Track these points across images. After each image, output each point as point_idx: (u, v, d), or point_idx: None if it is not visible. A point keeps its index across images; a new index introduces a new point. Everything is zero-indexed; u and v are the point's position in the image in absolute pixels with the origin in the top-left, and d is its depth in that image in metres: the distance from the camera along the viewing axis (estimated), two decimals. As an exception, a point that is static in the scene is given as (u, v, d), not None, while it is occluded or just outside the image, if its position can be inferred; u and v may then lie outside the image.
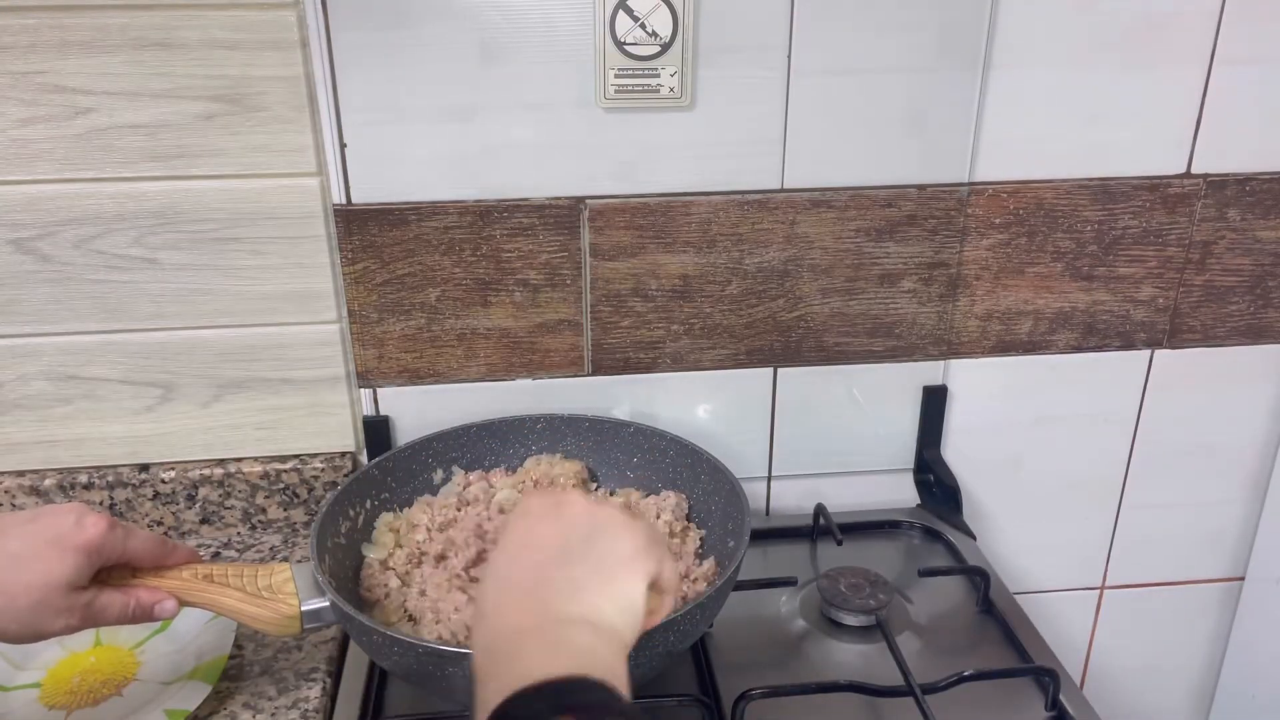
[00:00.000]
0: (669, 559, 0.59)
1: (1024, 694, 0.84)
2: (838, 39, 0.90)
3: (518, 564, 0.56)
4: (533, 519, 0.58)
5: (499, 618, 0.54)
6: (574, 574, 0.55)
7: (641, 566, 0.56)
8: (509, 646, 0.51)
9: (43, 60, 0.83)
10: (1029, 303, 1.03)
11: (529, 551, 0.56)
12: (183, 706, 0.76)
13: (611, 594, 0.55)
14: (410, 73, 0.87)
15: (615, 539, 0.57)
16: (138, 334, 0.93)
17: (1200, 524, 1.17)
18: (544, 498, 0.60)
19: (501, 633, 0.53)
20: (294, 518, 1.00)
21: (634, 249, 0.95)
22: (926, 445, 1.07)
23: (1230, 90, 0.97)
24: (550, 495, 0.60)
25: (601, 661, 0.50)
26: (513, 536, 0.58)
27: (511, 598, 0.54)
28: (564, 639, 0.51)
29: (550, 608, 0.53)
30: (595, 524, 0.57)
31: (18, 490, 0.96)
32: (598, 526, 0.57)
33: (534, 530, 0.57)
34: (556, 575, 0.54)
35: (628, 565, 0.56)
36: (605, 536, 0.57)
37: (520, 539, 0.57)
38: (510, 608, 0.54)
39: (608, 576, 0.55)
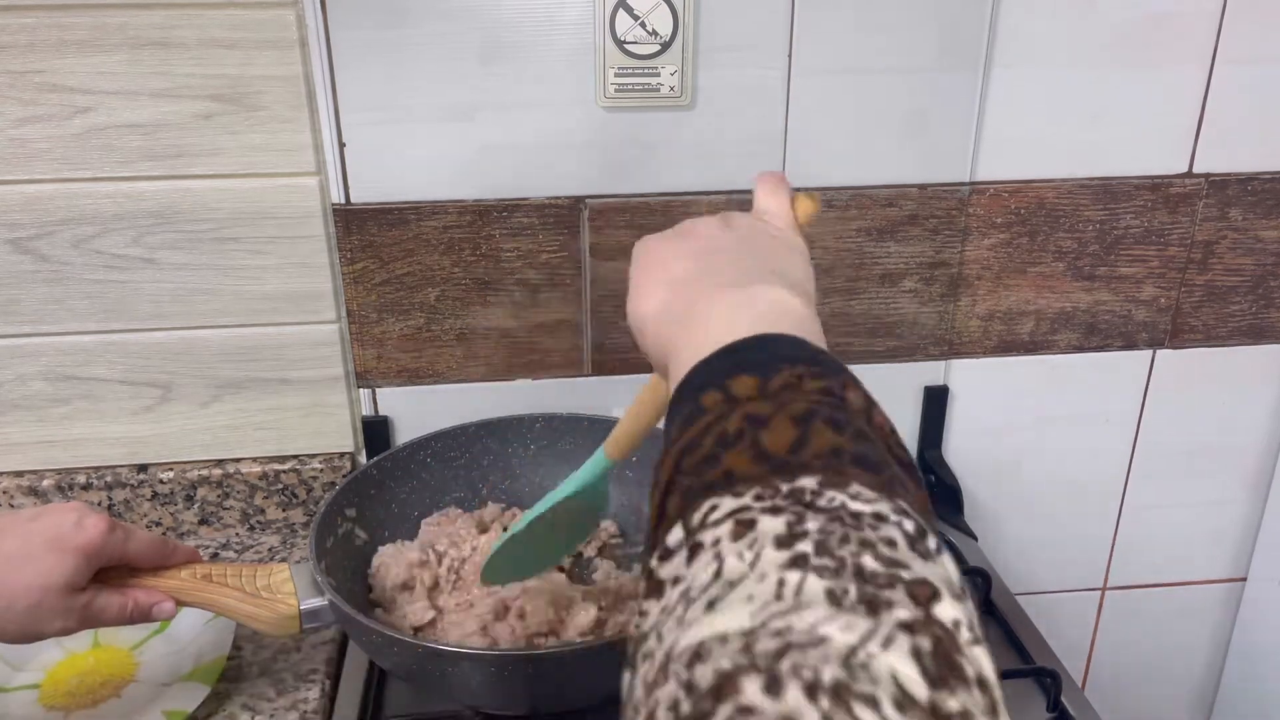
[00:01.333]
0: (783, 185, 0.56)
1: (1026, 695, 0.84)
2: (838, 38, 0.90)
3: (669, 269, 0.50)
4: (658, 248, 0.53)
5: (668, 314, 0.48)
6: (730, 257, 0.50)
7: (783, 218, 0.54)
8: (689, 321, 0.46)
9: (41, 59, 0.83)
10: (1030, 303, 1.03)
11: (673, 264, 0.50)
12: (181, 707, 0.76)
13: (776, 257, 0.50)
14: (409, 72, 0.87)
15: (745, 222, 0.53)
16: (136, 334, 0.92)
17: (1202, 524, 1.17)
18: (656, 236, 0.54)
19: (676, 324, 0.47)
20: (293, 518, 1.00)
21: (634, 249, 0.95)
22: (928, 445, 1.07)
23: (1232, 90, 0.97)
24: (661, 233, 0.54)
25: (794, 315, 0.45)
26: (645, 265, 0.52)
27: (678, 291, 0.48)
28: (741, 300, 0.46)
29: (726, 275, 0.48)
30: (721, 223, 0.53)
31: (16, 491, 0.95)
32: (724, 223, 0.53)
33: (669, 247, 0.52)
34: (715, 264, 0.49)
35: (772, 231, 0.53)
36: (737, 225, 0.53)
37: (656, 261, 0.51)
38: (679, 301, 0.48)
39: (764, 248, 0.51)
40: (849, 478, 0.35)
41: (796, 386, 0.39)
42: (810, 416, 0.37)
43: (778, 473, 0.35)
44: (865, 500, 0.34)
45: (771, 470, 0.35)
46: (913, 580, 0.31)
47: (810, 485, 0.34)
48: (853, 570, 0.31)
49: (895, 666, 0.29)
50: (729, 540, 0.33)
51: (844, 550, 0.32)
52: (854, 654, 0.29)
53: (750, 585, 0.31)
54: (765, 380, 0.39)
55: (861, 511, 0.33)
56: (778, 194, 0.56)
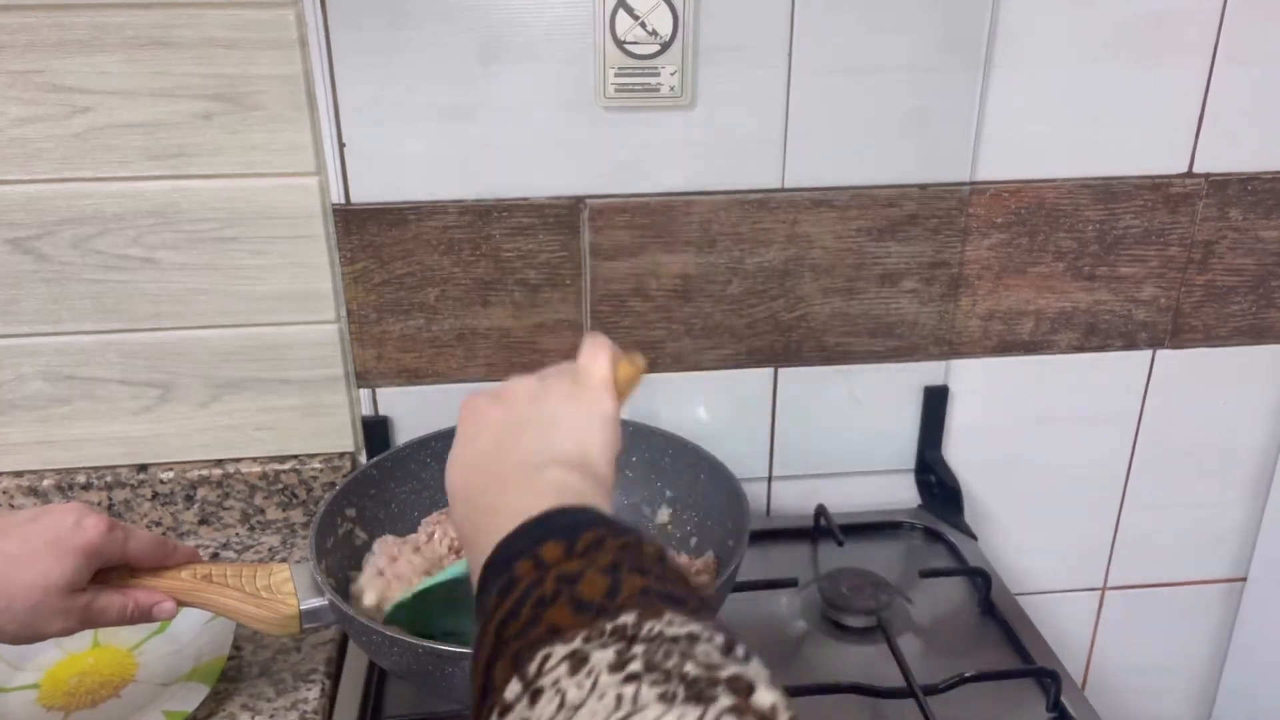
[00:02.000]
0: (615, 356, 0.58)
1: (1025, 695, 0.84)
2: (838, 38, 0.90)
3: (476, 443, 0.55)
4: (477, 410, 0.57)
5: (470, 488, 0.54)
6: (533, 434, 0.54)
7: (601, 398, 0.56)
8: (485, 507, 0.51)
9: (41, 59, 0.83)
10: (1030, 303, 1.03)
11: (483, 433, 0.56)
12: (181, 708, 0.76)
13: (576, 429, 0.54)
14: (410, 72, 0.87)
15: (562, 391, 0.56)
16: (136, 334, 0.92)
17: (1202, 524, 1.17)
18: (480, 395, 0.59)
19: (476, 499, 0.52)
20: (293, 518, 1.00)
21: (634, 249, 0.95)
22: (928, 446, 1.07)
23: (1232, 89, 0.97)
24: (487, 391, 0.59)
25: (578, 492, 0.49)
26: (462, 432, 0.57)
27: (477, 470, 0.54)
28: (536, 482, 0.50)
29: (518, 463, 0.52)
30: (538, 391, 0.57)
31: (16, 491, 0.95)
32: (540, 389, 0.57)
33: (480, 417, 0.57)
34: (516, 439, 0.54)
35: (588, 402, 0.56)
36: (551, 396, 0.56)
37: (470, 431, 0.57)
38: (477, 480, 0.54)
39: (567, 423, 0.54)
40: (661, 610, 0.39)
41: (600, 544, 0.43)
42: (617, 567, 0.42)
43: (599, 616, 0.39)
44: (679, 624, 0.39)
45: (593, 616, 0.40)
46: (730, 677, 0.36)
47: (630, 620, 0.39)
48: (678, 676, 0.36)
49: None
50: (567, 676, 0.37)
51: (669, 663, 0.36)
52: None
53: (592, 704, 0.35)
54: (571, 543, 0.43)
55: (678, 634, 0.38)
56: (597, 353, 0.58)
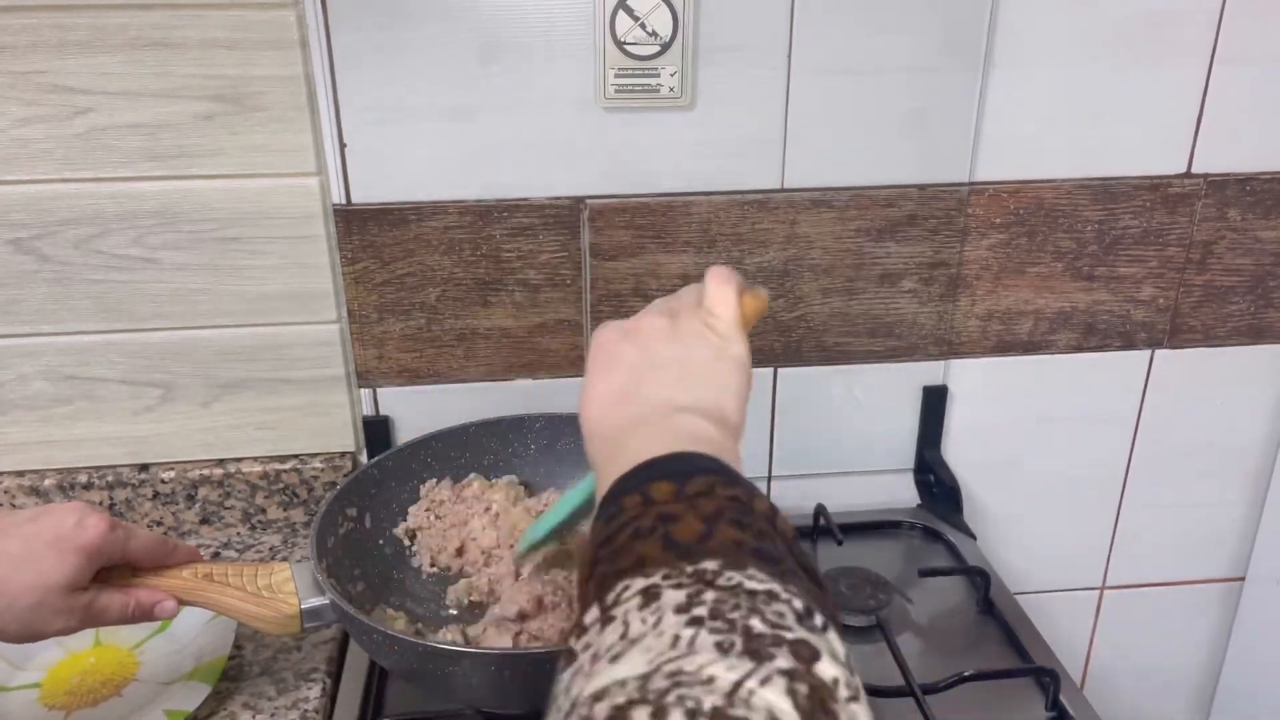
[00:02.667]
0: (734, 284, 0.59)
1: (1024, 694, 0.84)
2: (838, 39, 0.90)
3: (611, 379, 0.56)
4: (610, 346, 0.58)
5: (604, 423, 0.54)
6: (665, 375, 0.55)
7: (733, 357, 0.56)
8: (620, 442, 0.51)
9: (42, 60, 0.83)
10: (1029, 303, 1.03)
11: (616, 367, 0.56)
12: (182, 707, 0.76)
13: (711, 380, 0.54)
14: (410, 72, 0.87)
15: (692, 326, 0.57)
16: (137, 334, 0.93)
17: (1201, 524, 1.17)
18: (617, 325, 0.59)
19: (611, 433, 0.53)
20: (294, 518, 1.00)
21: (634, 249, 0.95)
22: (927, 445, 1.07)
23: (1231, 89, 0.97)
24: (618, 323, 0.59)
25: (709, 441, 0.50)
26: (595, 363, 0.58)
27: (612, 405, 0.54)
28: (669, 426, 0.51)
29: (652, 404, 0.53)
30: (669, 327, 0.57)
31: (17, 490, 0.96)
32: (672, 328, 0.57)
33: (614, 352, 0.57)
34: (651, 379, 0.55)
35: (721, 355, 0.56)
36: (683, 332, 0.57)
37: (606, 359, 0.57)
38: (612, 413, 0.54)
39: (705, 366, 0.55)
40: (746, 564, 0.39)
41: (709, 492, 0.44)
42: (717, 516, 0.42)
43: (684, 558, 0.40)
44: (759, 580, 0.39)
45: (678, 556, 0.40)
46: (796, 640, 0.36)
47: (712, 567, 0.39)
48: (741, 629, 0.36)
49: (772, 701, 0.33)
50: (635, 610, 0.38)
51: (735, 614, 0.36)
52: (736, 689, 0.33)
53: (649, 640, 0.36)
54: (681, 485, 0.44)
55: (756, 589, 0.38)
56: (725, 292, 0.59)
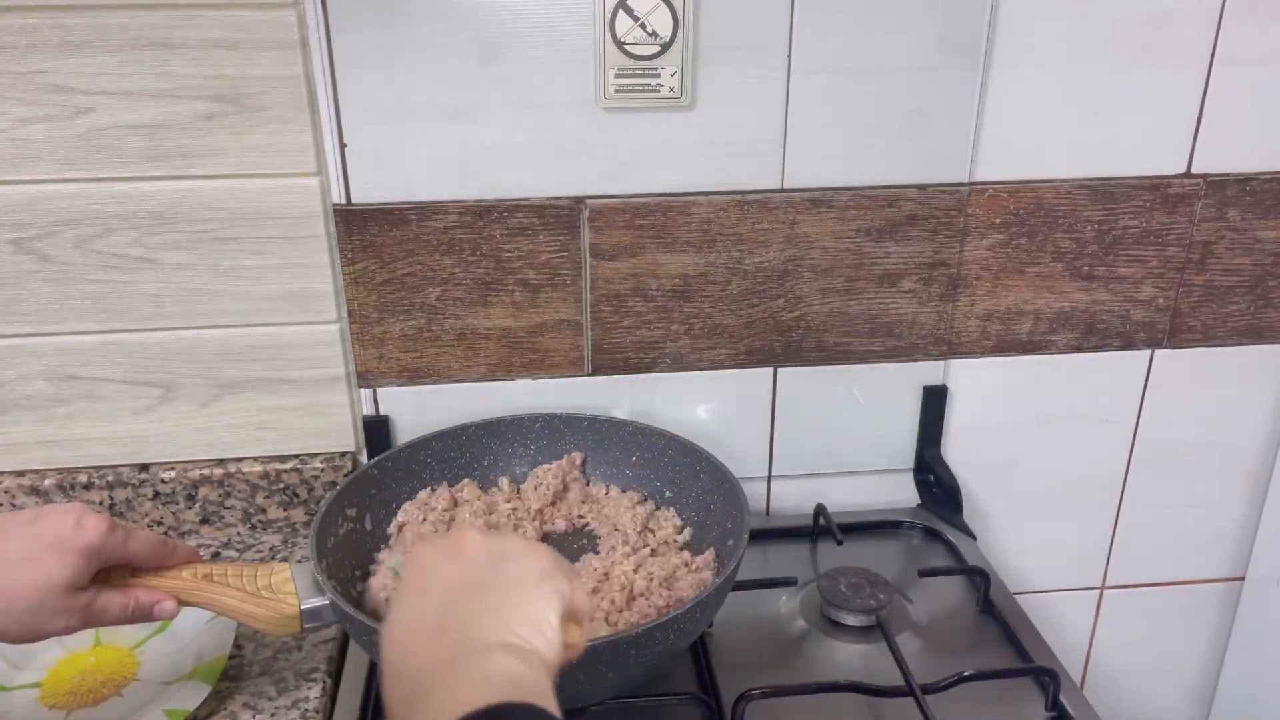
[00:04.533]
0: (578, 582, 0.57)
1: (1024, 694, 0.84)
2: (838, 39, 0.90)
3: (422, 604, 0.53)
4: (429, 562, 0.56)
5: (410, 659, 0.51)
6: (484, 603, 0.53)
7: (552, 586, 0.55)
8: (426, 687, 0.48)
9: (43, 60, 0.83)
10: (1029, 303, 1.03)
11: (433, 590, 0.54)
12: (183, 706, 0.76)
13: (526, 617, 0.52)
14: (410, 73, 0.87)
15: (520, 563, 0.55)
16: (137, 334, 0.93)
17: (1200, 524, 1.17)
18: (436, 542, 0.58)
19: (416, 674, 0.50)
20: (294, 517, 1.00)
21: (634, 249, 0.95)
22: (926, 445, 1.07)
23: (1230, 90, 0.97)
24: (443, 537, 0.58)
25: (527, 685, 0.47)
26: (412, 581, 0.56)
27: (422, 637, 0.52)
28: (486, 668, 0.48)
29: (464, 639, 0.50)
30: (497, 552, 0.56)
31: (18, 490, 0.96)
32: (500, 553, 0.56)
33: (435, 571, 0.55)
34: (466, 607, 0.52)
35: (538, 586, 0.54)
36: (510, 562, 0.55)
37: (421, 582, 0.55)
38: (421, 648, 0.51)
39: (520, 599, 0.53)
40: None
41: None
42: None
43: None
44: None
45: None
46: None
47: None
48: None
49: None
50: None
51: None
52: None
53: None
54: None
55: None
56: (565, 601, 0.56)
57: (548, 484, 0.93)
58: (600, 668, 0.70)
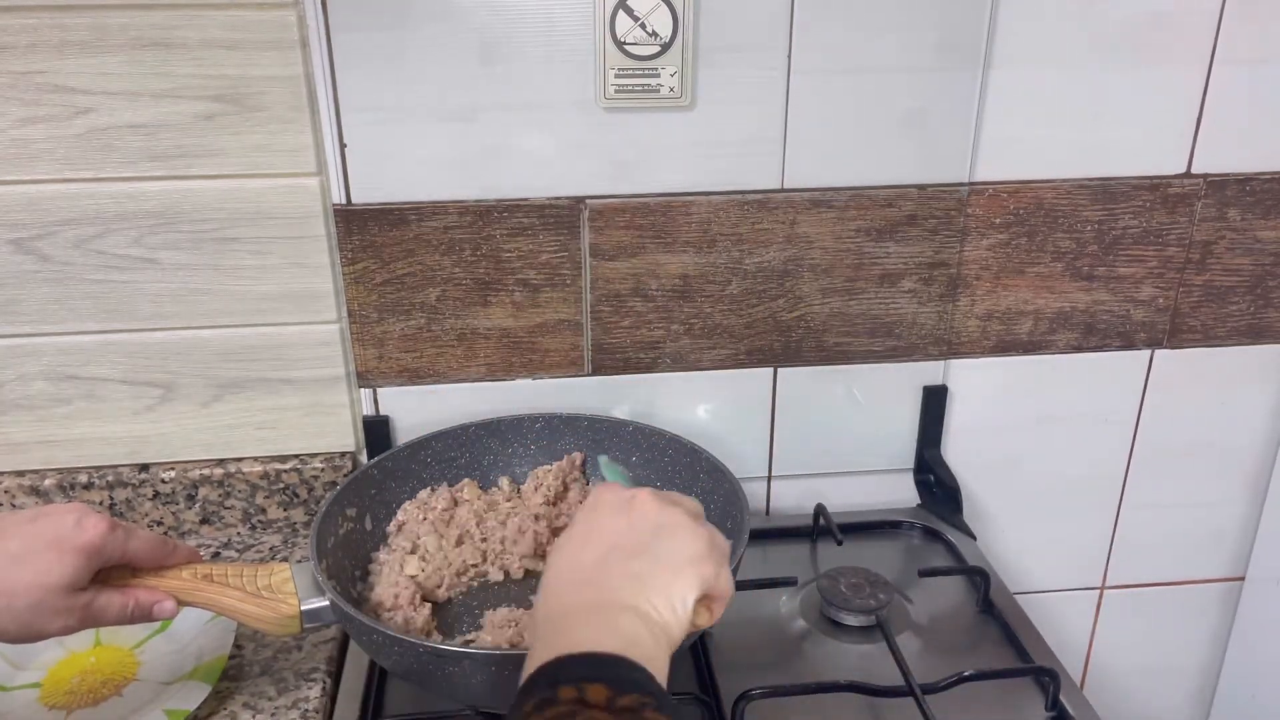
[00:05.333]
0: (726, 569, 0.60)
1: (1024, 694, 0.84)
2: (838, 39, 0.90)
3: (584, 550, 0.59)
4: (603, 511, 0.61)
5: (559, 596, 0.57)
6: (635, 567, 0.57)
7: (699, 572, 0.58)
8: (564, 621, 0.54)
9: (43, 60, 0.83)
10: (1029, 303, 1.03)
11: (596, 540, 0.59)
12: (183, 706, 0.76)
13: (667, 591, 0.56)
14: (410, 73, 0.87)
15: (679, 540, 0.59)
16: (137, 334, 0.93)
17: (1201, 524, 1.17)
18: (616, 492, 0.62)
19: (559, 608, 0.56)
20: (294, 518, 1.00)
21: (634, 249, 0.95)
22: (926, 445, 1.07)
23: (1230, 90, 0.97)
24: (624, 491, 0.62)
25: (646, 650, 0.52)
26: (581, 525, 0.61)
27: (573, 579, 0.57)
28: (616, 622, 0.54)
29: (607, 594, 0.56)
30: (662, 523, 0.59)
31: (18, 490, 0.96)
32: (664, 526, 0.59)
33: (603, 521, 0.60)
34: (618, 565, 0.57)
35: (687, 568, 0.58)
36: (670, 537, 0.59)
37: (588, 527, 0.60)
38: (571, 588, 0.57)
39: (666, 575, 0.57)
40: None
41: (638, 712, 0.46)
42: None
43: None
44: None
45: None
46: None
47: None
48: None
49: None
50: None
51: None
52: None
53: None
54: (616, 695, 0.47)
55: None
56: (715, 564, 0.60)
57: (548, 485, 0.93)
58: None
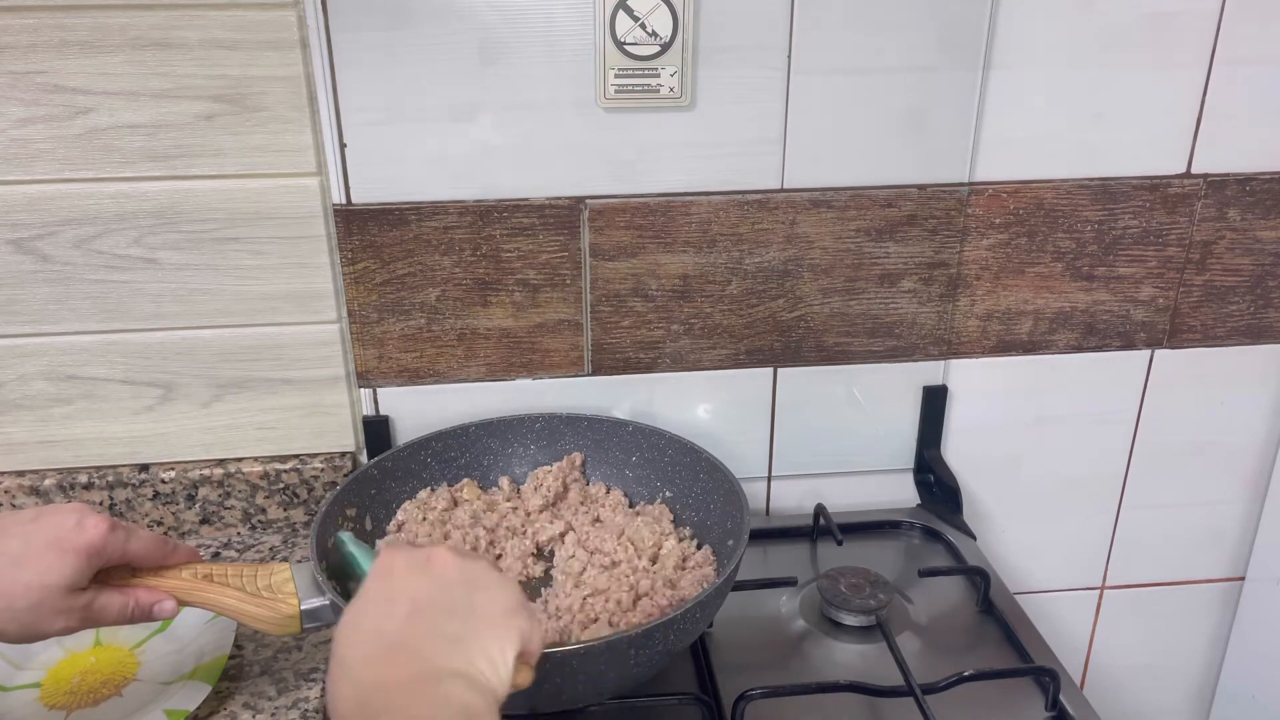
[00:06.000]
0: (538, 625, 0.58)
1: (1024, 694, 0.84)
2: (838, 39, 0.90)
3: (388, 616, 0.54)
4: (399, 573, 0.56)
5: (369, 671, 0.51)
6: (450, 628, 0.53)
7: (516, 625, 0.55)
8: (383, 703, 0.49)
9: (43, 60, 0.83)
10: (1029, 303, 1.03)
11: (399, 603, 0.54)
12: (183, 706, 0.76)
13: (488, 651, 0.53)
14: (410, 73, 0.87)
15: (490, 593, 0.56)
16: (137, 334, 0.93)
17: (1200, 524, 1.17)
18: (410, 553, 0.57)
19: (374, 688, 0.50)
20: (294, 518, 1.00)
21: (634, 249, 0.95)
22: (926, 445, 1.07)
23: (1230, 90, 0.97)
24: (417, 550, 0.58)
25: (474, 715, 0.49)
26: (379, 590, 0.56)
27: (383, 650, 0.52)
28: (446, 694, 0.50)
29: (427, 661, 0.51)
30: (469, 578, 0.56)
31: (18, 490, 0.96)
32: (472, 580, 0.56)
33: (403, 583, 0.55)
34: (430, 629, 0.53)
35: (503, 621, 0.55)
36: (480, 591, 0.56)
37: (387, 592, 0.55)
38: (381, 661, 0.52)
39: (484, 632, 0.54)
40: None
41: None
42: None
43: None
44: None
45: None
46: None
47: None
48: None
49: None
50: None
51: None
52: None
53: None
54: None
55: None
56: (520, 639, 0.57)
57: (548, 485, 0.93)
58: (600, 668, 0.70)
